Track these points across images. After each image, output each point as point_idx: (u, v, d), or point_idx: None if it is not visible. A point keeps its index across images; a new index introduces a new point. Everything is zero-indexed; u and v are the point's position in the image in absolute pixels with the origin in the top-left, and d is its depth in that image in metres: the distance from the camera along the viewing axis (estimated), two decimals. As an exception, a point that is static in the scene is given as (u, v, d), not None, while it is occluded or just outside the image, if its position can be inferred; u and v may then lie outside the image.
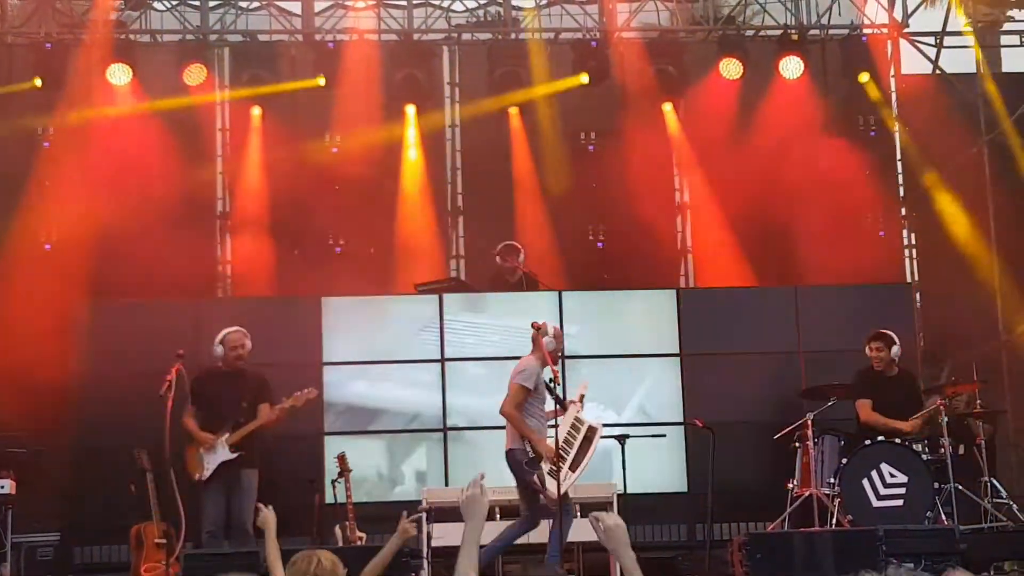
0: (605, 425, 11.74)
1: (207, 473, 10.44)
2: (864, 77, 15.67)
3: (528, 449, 10.06)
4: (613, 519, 4.90)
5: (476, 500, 5.06)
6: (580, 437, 10.16)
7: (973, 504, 11.29)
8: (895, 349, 11.62)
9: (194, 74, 15.13)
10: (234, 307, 14.20)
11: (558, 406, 10.33)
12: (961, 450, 11.82)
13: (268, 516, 7.10)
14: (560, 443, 9.99)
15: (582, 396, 10.49)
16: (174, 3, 15.96)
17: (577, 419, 10.26)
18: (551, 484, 9.93)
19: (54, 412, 12.91)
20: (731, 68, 15.52)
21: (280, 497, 11.96)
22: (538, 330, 10.36)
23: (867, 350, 11.64)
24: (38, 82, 14.84)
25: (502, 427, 10.58)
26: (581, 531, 10.87)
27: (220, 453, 10.46)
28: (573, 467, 10.05)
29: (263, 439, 10.89)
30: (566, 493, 10.00)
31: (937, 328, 15.51)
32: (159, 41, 15.97)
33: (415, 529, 7.58)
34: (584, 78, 15.42)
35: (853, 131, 15.89)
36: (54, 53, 15.00)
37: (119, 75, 14.99)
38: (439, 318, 13.15)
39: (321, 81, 15.16)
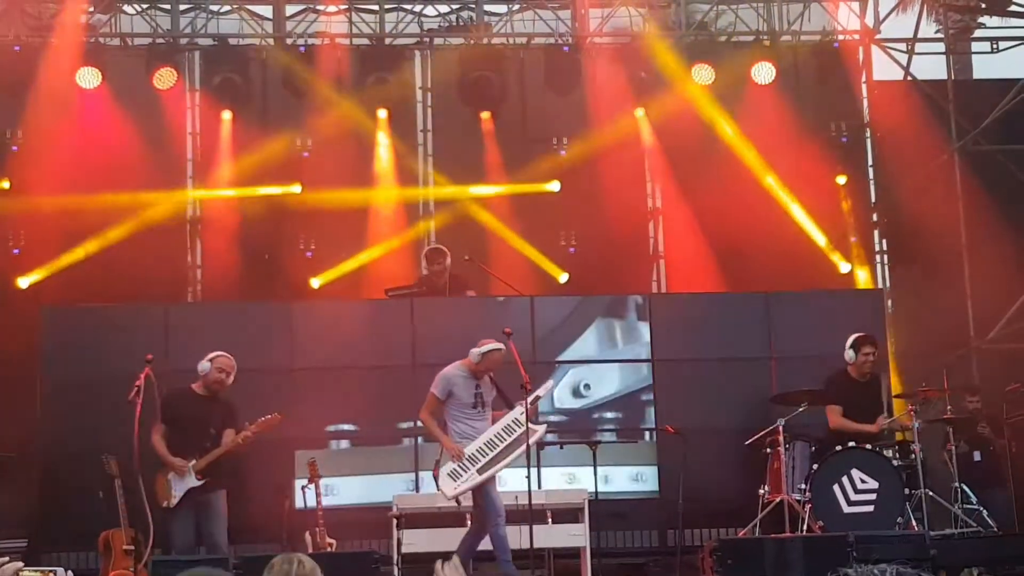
0: (579, 430, 11.76)
1: (175, 500, 10.35)
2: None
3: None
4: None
5: None
6: (509, 440, 10.26)
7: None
8: (876, 353, 11.67)
9: (164, 78, 15.06)
10: (204, 312, 14.16)
11: (505, 408, 10.51)
12: (977, 456, 11.87)
13: None
14: (480, 445, 10.18)
15: (537, 397, 10.52)
16: (144, 6, 15.88)
17: (515, 421, 10.33)
18: (444, 484, 10.20)
19: (21, 416, 12.82)
20: (703, 74, 15.53)
21: (250, 503, 11.98)
22: (509, 336, 10.39)
23: (857, 354, 11.55)
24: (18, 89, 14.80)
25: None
26: (553, 537, 10.88)
27: (188, 480, 10.36)
28: (482, 469, 10.16)
29: (232, 457, 10.80)
30: (487, 489, 10.14)
31: (907, 334, 15.53)
32: (129, 44, 15.89)
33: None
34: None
35: (825, 137, 15.92)
36: (23, 56, 14.91)
37: (88, 78, 14.91)
38: (410, 323, 13.10)
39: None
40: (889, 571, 2.83)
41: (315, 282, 14.90)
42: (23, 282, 14.57)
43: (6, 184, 14.81)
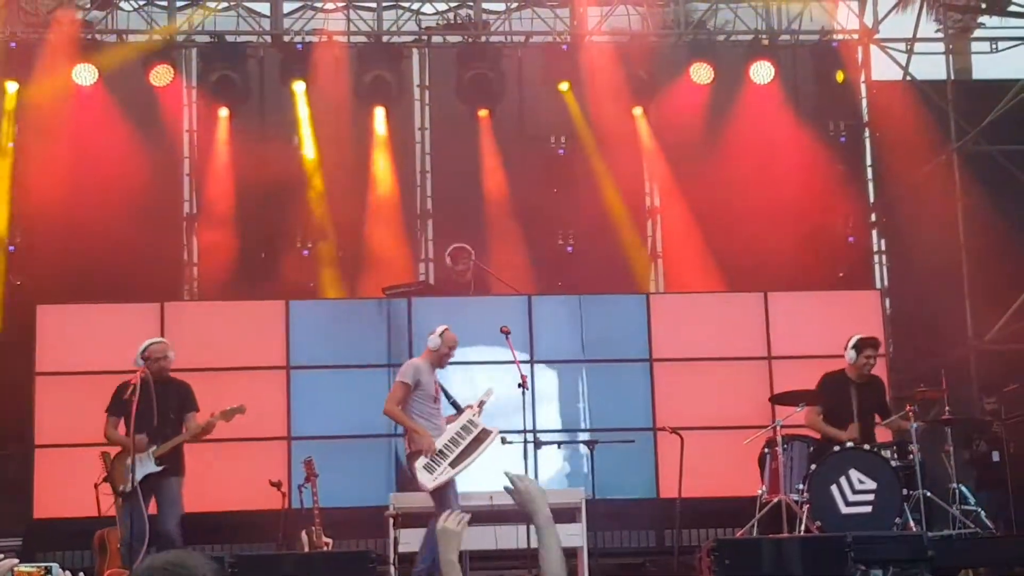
0: (571, 431, 11.71)
1: (130, 485, 10.20)
2: (840, 76, 15.67)
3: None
4: (524, 483, 4.72)
5: (448, 532, 4.80)
6: (469, 439, 10.24)
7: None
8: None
9: (161, 75, 15.02)
10: (200, 310, 14.14)
11: (455, 411, 10.50)
12: (995, 456, 11.82)
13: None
14: (446, 441, 10.17)
15: (482, 402, 10.48)
16: (141, 3, 15.84)
17: (470, 422, 10.32)
18: (423, 476, 10.12)
19: (17, 415, 12.79)
20: (702, 73, 15.51)
21: (245, 502, 11.95)
22: (507, 335, 10.35)
23: (859, 356, 11.48)
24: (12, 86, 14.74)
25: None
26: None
27: (146, 465, 10.22)
28: (453, 464, 10.13)
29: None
30: (445, 491, 10.10)
31: (906, 334, 15.51)
32: (126, 41, 15.84)
33: None
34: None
35: (823, 136, 15.90)
36: (19, 52, 14.87)
37: (85, 75, 14.87)
38: (408, 322, 13.08)
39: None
40: None
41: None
42: (18, 279, 14.52)
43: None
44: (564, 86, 15.61)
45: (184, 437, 10.32)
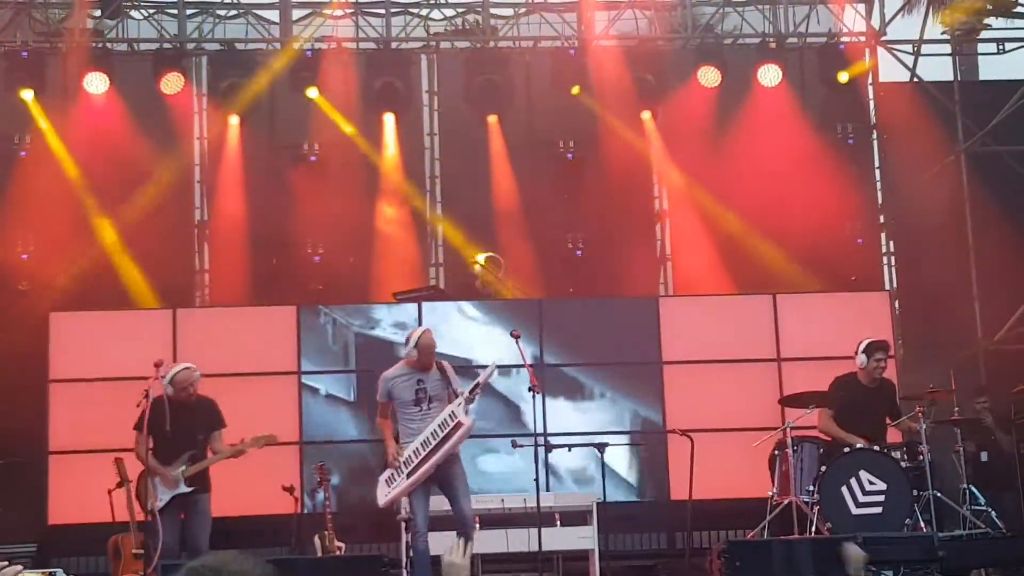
0: (581, 433, 11.70)
1: (161, 504, 10.27)
2: (844, 76, 15.69)
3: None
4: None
5: (454, 567, 4.78)
6: (442, 435, 9.71)
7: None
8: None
9: (171, 83, 15.10)
10: (211, 316, 14.19)
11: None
12: (984, 457, 11.84)
13: None
14: (416, 446, 9.74)
15: (475, 387, 9.87)
16: (151, 11, 15.92)
17: (450, 415, 9.77)
18: (380, 491, 9.86)
19: (32, 422, 12.86)
20: (709, 76, 15.55)
21: (258, 507, 12.01)
22: (517, 339, 10.33)
23: (869, 359, 11.48)
24: (26, 94, 14.82)
25: (483, 435, 10.65)
26: (561, 540, 10.86)
27: (177, 486, 10.30)
28: (412, 472, 9.69)
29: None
30: (411, 499, 9.78)
31: (915, 336, 15.53)
32: (136, 50, 15.93)
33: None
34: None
35: (831, 139, 15.92)
36: (31, 61, 14.95)
37: (96, 84, 14.95)
38: (418, 326, 13.11)
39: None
40: None
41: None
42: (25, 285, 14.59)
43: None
44: (575, 90, 15.64)
45: (214, 460, 10.40)
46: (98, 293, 14.38)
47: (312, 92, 15.28)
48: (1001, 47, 16.93)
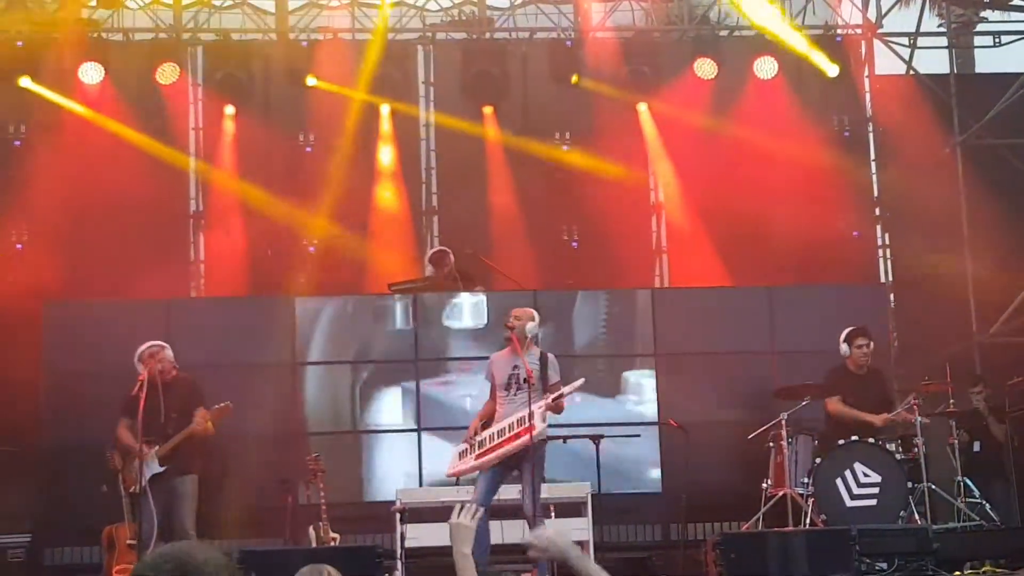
0: (576, 425, 11.69)
1: (139, 487, 10.30)
2: (830, 71, 15.66)
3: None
4: (541, 539, 4.60)
5: (460, 527, 4.79)
6: (514, 432, 9.89)
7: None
8: (871, 345, 11.65)
9: (167, 73, 15.08)
10: (206, 307, 14.20)
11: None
12: (977, 447, 11.87)
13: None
14: (494, 431, 9.98)
15: (561, 394, 9.97)
16: (147, 1, 15.87)
17: (530, 415, 9.84)
18: (451, 460, 10.24)
19: (25, 412, 12.84)
20: (705, 68, 15.54)
21: (253, 498, 12.00)
22: (512, 329, 10.34)
23: (851, 348, 11.56)
24: (24, 81, 14.78)
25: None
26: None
27: (151, 466, 10.32)
28: (479, 456, 9.97)
29: (204, 443, 10.80)
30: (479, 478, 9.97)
31: (910, 328, 15.53)
32: (132, 40, 15.89)
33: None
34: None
35: (827, 131, 15.92)
36: (26, 51, 14.92)
37: (91, 73, 14.92)
38: (413, 318, 13.13)
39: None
40: None
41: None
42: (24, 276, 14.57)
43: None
44: (575, 78, 15.61)
45: (182, 435, 10.39)
46: (92, 283, 14.36)
47: (311, 80, 15.24)
48: (997, 40, 16.92)
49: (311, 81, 15.22)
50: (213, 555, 3.10)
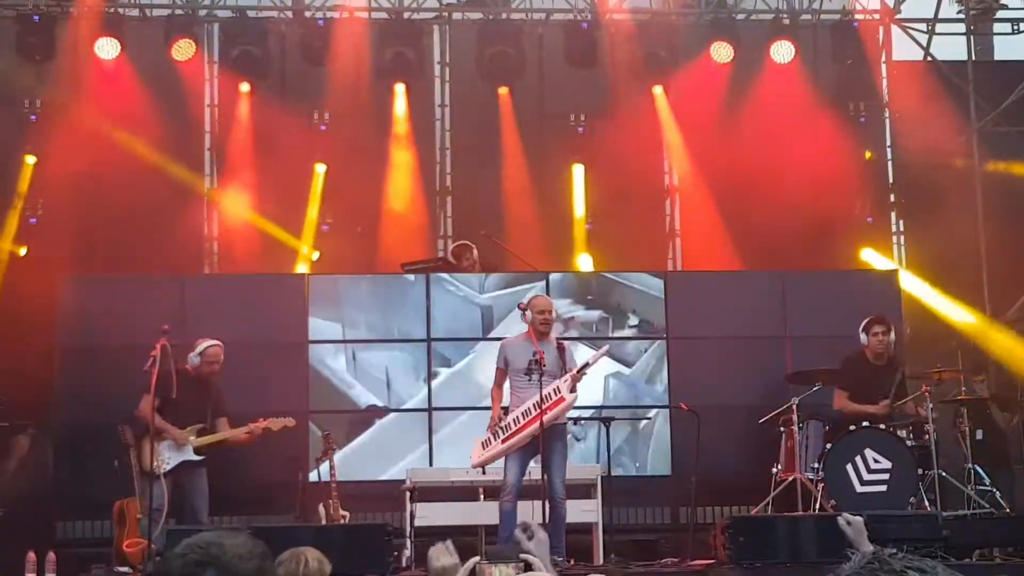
0: (588, 407, 11.71)
1: (166, 467, 10.40)
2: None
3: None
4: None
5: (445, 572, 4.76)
6: (542, 409, 9.91)
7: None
8: (892, 334, 11.61)
9: (183, 49, 15.07)
10: (219, 283, 14.23)
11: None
12: (980, 435, 11.87)
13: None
14: (518, 415, 10.07)
15: (584, 366, 10.25)
16: (163, -23, 15.87)
17: (555, 390, 10.08)
18: (474, 451, 10.30)
19: (38, 387, 12.88)
20: (722, 52, 15.49)
21: (264, 475, 12.05)
22: (523, 311, 10.38)
23: (869, 336, 11.52)
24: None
25: (486, 408, 10.72)
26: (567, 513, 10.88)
27: (185, 452, 10.45)
28: (506, 439, 10.05)
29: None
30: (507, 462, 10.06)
31: (923, 314, 15.51)
32: (148, 15, 15.89)
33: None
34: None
35: (843, 116, 15.87)
36: (42, 26, 14.93)
37: (107, 49, 14.92)
38: (426, 298, 13.14)
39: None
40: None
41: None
42: (38, 251, 14.61)
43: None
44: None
45: (228, 436, 10.55)
46: (107, 260, 14.40)
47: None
48: (1016, 27, 16.85)
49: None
50: (240, 542, 3.09)
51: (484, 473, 10.73)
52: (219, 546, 3.04)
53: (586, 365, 10.23)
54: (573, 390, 10.12)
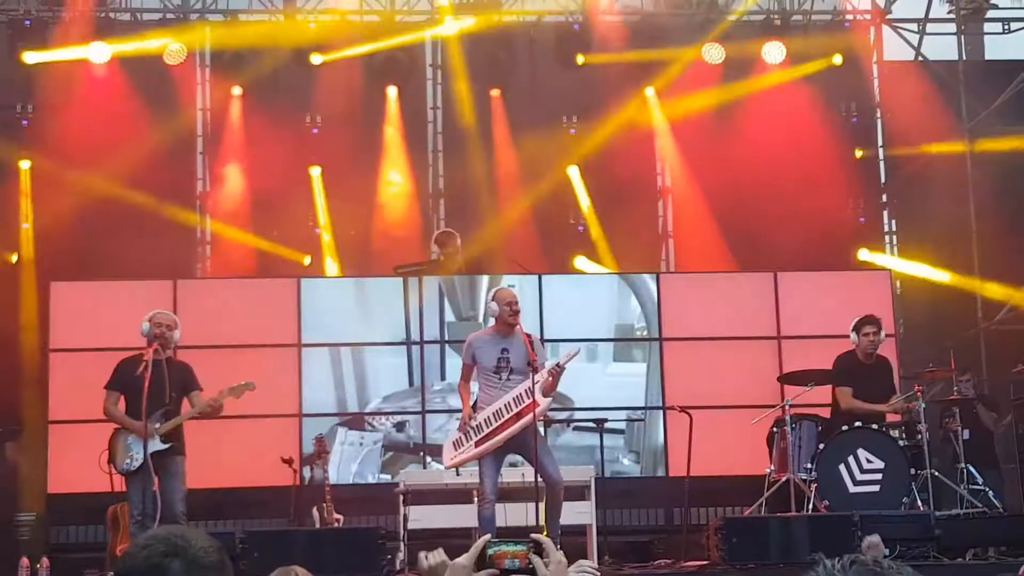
0: (581, 409, 11.70)
1: (136, 463, 10.13)
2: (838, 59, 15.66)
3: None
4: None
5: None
6: (516, 411, 9.69)
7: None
8: (883, 333, 11.61)
9: (174, 53, 15.07)
10: (212, 287, 14.21)
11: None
12: (967, 435, 11.88)
13: None
14: (489, 415, 9.76)
15: (557, 367, 9.82)
16: (154, -19, 15.87)
17: (527, 391, 9.72)
18: (446, 452, 10.04)
19: (31, 391, 12.88)
20: (714, 53, 15.51)
21: (257, 478, 12.04)
22: (516, 314, 10.32)
23: (859, 336, 11.52)
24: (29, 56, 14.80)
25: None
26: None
27: (152, 443, 10.14)
28: (481, 441, 9.73)
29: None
30: (481, 466, 9.82)
31: (915, 315, 15.54)
32: (140, 19, 15.89)
33: None
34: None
35: (835, 117, 15.90)
36: (34, 31, 14.93)
37: (99, 53, 14.91)
38: (418, 300, 13.15)
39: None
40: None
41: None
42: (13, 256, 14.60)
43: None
44: (580, 59, 15.59)
45: (191, 414, 10.29)
46: (99, 263, 14.39)
47: (316, 59, 15.22)
48: (1007, 27, 16.87)
49: (317, 59, 15.18)
50: (203, 539, 3.13)
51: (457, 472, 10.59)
52: (183, 538, 3.08)
53: (557, 366, 9.83)
54: (544, 395, 9.78)
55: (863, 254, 15.61)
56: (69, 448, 12.40)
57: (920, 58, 16.40)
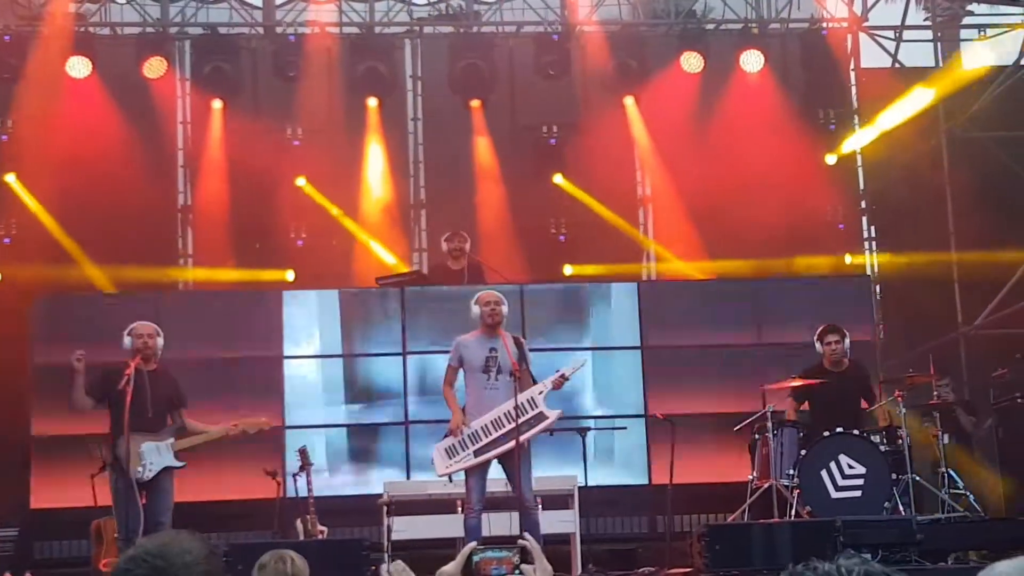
0: (567, 418, 11.69)
1: (149, 473, 10.03)
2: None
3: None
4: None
5: None
6: (520, 422, 9.51)
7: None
8: (847, 341, 11.64)
9: (154, 67, 15.08)
10: (195, 300, 14.21)
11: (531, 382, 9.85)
12: (946, 439, 11.93)
13: None
14: (487, 423, 9.67)
15: (561, 377, 9.78)
16: (133, -5, 15.89)
17: (529, 401, 9.66)
18: (438, 460, 9.77)
19: (13, 406, 12.85)
20: (692, 62, 15.58)
21: (240, 491, 12.03)
22: (499, 321, 10.32)
23: (822, 345, 11.58)
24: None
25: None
26: (544, 523, 10.88)
27: (165, 458, 10.06)
28: (481, 451, 9.59)
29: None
30: (470, 479, 9.70)
31: (895, 320, 15.61)
32: (119, 34, 15.90)
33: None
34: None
35: (813, 124, 15.96)
36: (13, 45, 14.92)
37: (79, 68, 14.92)
38: (401, 311, 13.16)
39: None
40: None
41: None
42: (11, 271, 14.58)
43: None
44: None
45: (205, 438, 10.24)
46: (81, 277, 14.38)
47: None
48: (983, 33, 16.97)
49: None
50: (193, 546, 3.05)
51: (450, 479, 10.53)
52: (163, 557, 3.00)
53: (562, 376, 9.80)
54: (550, 407, 9.72)
55: (847, 259, 15.67)
56: (51, 463, 12.37)
57: (897, 65, 16.48)
